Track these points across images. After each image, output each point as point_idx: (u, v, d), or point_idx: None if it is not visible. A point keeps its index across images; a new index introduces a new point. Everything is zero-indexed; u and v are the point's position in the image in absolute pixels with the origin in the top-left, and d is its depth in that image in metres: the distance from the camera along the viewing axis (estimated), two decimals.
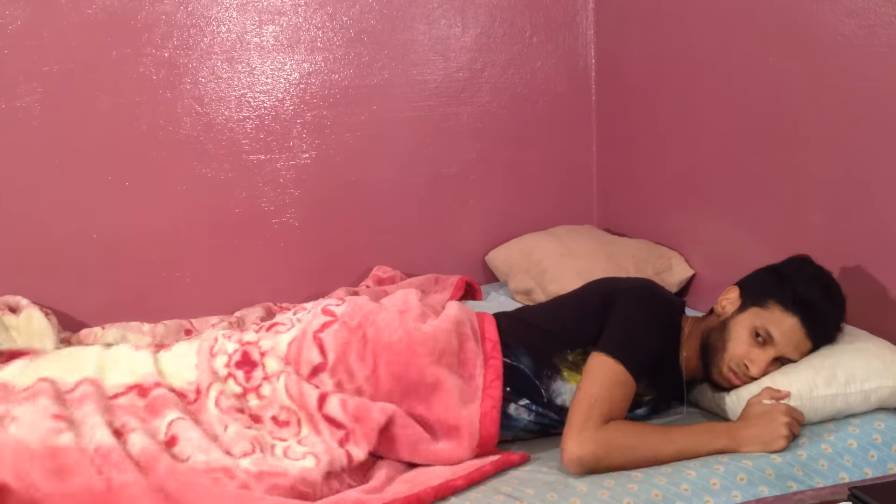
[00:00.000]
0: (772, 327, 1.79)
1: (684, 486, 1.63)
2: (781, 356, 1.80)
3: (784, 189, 2.18)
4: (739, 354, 1.81)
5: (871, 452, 1.72)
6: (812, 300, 1.79)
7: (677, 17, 2.55)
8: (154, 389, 1.84)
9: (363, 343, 1.87)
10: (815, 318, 1.79)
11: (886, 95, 1.86)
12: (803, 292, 1.79)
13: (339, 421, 1.78)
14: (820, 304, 1.80)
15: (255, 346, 1.92)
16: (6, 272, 2.53)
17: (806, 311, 1.78)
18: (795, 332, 1.79)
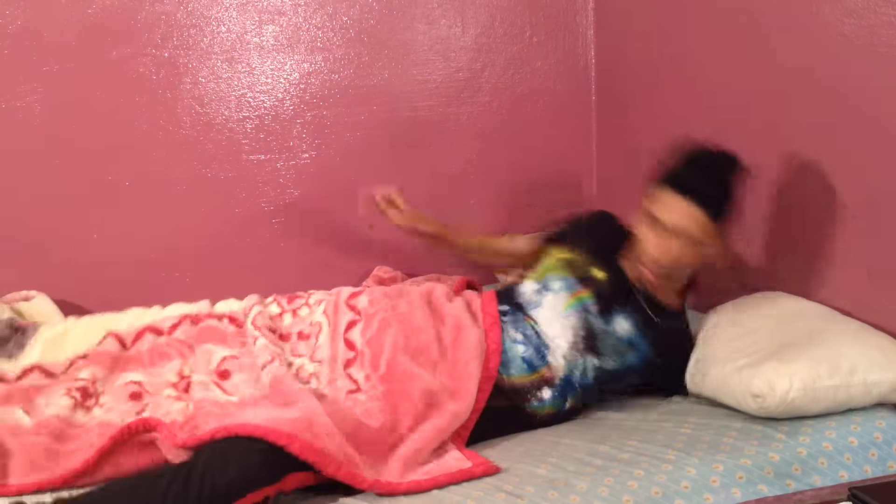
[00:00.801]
0: (654, 208, 1.89)
1: (684, 483, 1.63)
2: (678, 231, 1.88)
3: (784, 188, 2.18)
4: (642, 248, 1.93)
5: (872, 451, 1.72)
6: (676, 168, 1.89)
7: (677, 17, 2.55)
8: (206, 319, 2.11)
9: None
10: (684, 183, 1.86)
11: (886, 95, 1.86)
12: (670, 166, 1.90)
13: (354, 343, 1.99)
14: (683, 169, 1.89)
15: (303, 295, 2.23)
16: (6, 272, 2.53)
17: (673, 180, 1.88)
18: (673, 202, 1.87)
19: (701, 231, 1.88)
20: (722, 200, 1.90)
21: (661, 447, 1.74)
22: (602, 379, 2.01)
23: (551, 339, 2.00)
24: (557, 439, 1.85)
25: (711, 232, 1.90)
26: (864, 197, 1.95)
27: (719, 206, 1.89)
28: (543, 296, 2.06)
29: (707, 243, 1.91)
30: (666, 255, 1.91)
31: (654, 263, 1.93)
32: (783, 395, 1.72)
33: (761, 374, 1.76)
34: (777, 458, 1.68)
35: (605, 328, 2.01)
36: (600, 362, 2.00)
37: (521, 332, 2.01)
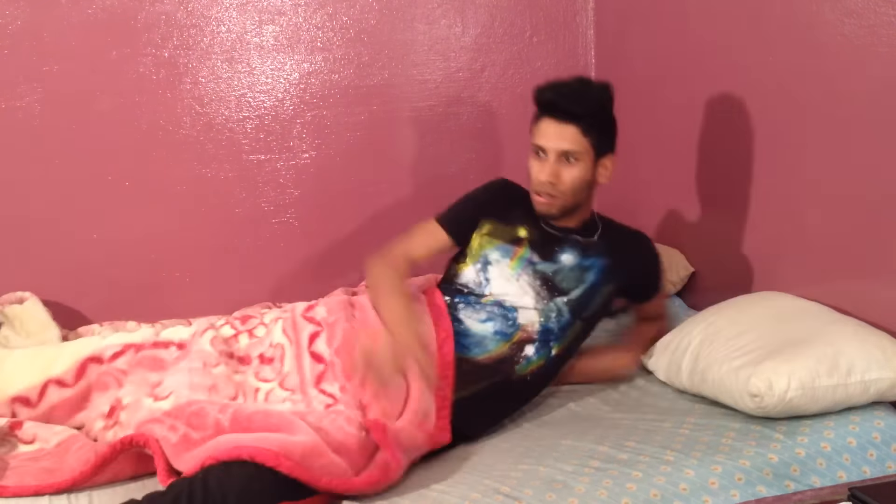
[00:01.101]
0: (534, 139, 2.08)
1: (682, 485, 1.63)
2: (552, 149, 2.04)
3: (784, 188, 2.18)
4: (532, 180, 2.09)
5: (871, 451, 1.71)
6: (537, 92, 2.08)
7: (677, 17, 2.55)
8: (150, 349, 2.05)
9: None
10: (552, 105, 2.04)
11: (886, 95, 1.86)
12: (541, 99, 2.08)
13: (321, 355, 1.95)
14: (542, 91, 2.07)
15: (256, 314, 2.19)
16: (7, 271, 2.53)
17: (544, 104, 2.06)
18: (543, 125, 2.06)
19: (574, 145, 2.04)
20: (592, 115, 2.05)
21: (659, 448, 1.74)
22: (576, 309, 2.12)
23: (514, 303, 2.09)
24: (556, 440, 1.85)
25: (585, 145, 2.05)
26: (864, 196, 1.94)
27: (588, 120, 2.04)
28: (488, 272, 2.14)
29: (583, 158, 2.06)
30: (551, 175, 2.05)
31: (541, 186, 2.07)
32: (781, 394, 1.72)
33: (759, 374, 1.76)
34: (776, 458, 1.68)
35: (555, 267, 2.13)
36: (567, 297, 2.11)
37: (482, 312, 2.09)
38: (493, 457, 1.80)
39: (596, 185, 2.15)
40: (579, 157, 2.05)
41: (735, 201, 2.37)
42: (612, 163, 2.13)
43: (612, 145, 2.13)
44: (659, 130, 2.70)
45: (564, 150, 2.04)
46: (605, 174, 2.12)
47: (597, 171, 2.11)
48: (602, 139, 2.09)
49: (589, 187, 2.13)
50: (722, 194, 2.43)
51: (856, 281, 1.98)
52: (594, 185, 2.14)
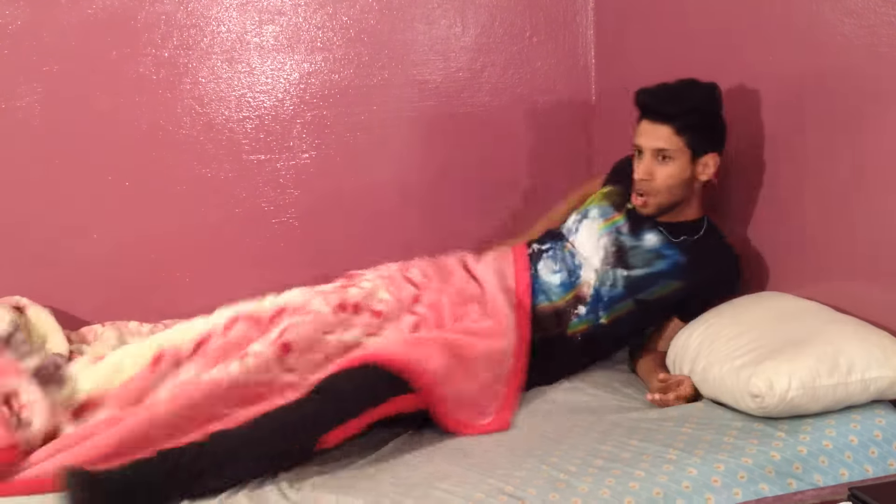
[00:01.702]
0: (635, 141, 2.18)
1: (685, 483, 1.63)
2: (647, 148, 2.15)
3: (783, 188, 2.19)
4: (634, 177, 2.20)
5: (872, 449, 1.72)
6: (635, 95, 2.18)
7: (677, 17, 2.55)
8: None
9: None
10: (648, 108, 2.15)
11: (886, 95, 1.86)
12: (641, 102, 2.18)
13: (419, 313, 2.15)
14: (639, 93, 2.17)
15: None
16: (7, 271, 2.53)
17: (640, 106, 2.17)
18: (644, 128, 2.16)
19: (667, 143, 2.12)
20: (685, 115, 2.13)
21: (662, 447, 1.74)
22: (632, 288, 2.19)
23: (584, 258, 2.24)
24: (559, 439, 1.85)
25: (679, 144, 2.13)
26: (863, 196, 1.95)
27: (683, 120, 2.12)
28: (581, 223, 2.31)
29: (678, 156, 2.14)
30: (645, 173, 2.16)
31: (637, 184, 2.18)
32: (782, 394, 1.73)
33: (760, 374, 1.76)
34: (778, 456, 1.68)
35: (635, 243, 2.23)
36: (628, 272, 2.20)
37: (558, 262, 2.26)
38: (497, 455, 1.80)
39: (699, 184, 2.20)
40: (673, 156, 2.13)
41: (735, 201, 2.37)
42: (714, 161, 2.17)
43: (713, 145, 2.17)
44: None
45: (658, 148, 2.13)
46: (706, 172, 2.17)
47: (695, 168, 2.16)
48: (699, 138, 2.14)
49: (687, 185, 2.18)
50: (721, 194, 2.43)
51: (855, 281, 1.98)
52: (695, 184, 2.20)
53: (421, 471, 1.76)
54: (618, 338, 2.25)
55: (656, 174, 2.15)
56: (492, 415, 1.98)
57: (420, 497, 1.64)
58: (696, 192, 2.22)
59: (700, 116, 2.15)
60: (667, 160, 2.13)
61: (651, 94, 2.16)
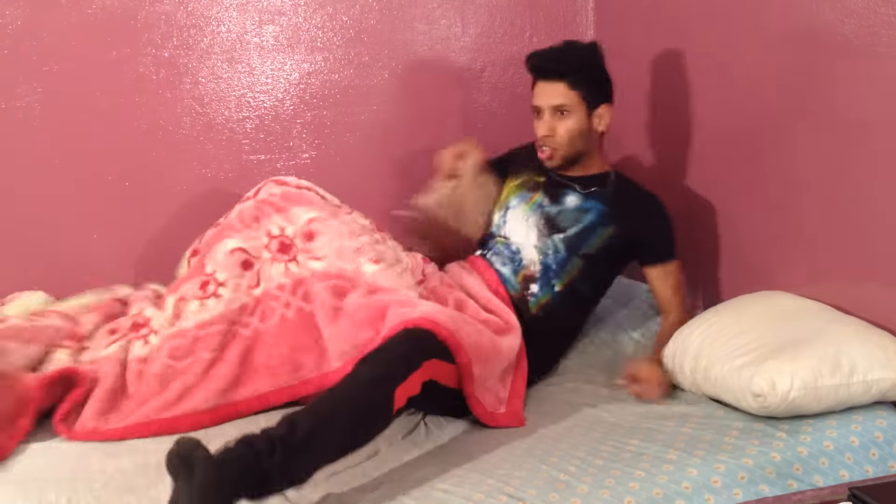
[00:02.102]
0: (532, 100, 2.33)
1: (685, 484, 1.63)
2: (545, 106, 2.28)
3: (784, 187, 2.19)
4: (536, 139, 2.34)
5: (873, 450, 1.72)
6: (527, 59, 2.33)
7: (677, 18, 2.55)
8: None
9: None
10: (540, 68, 2.30)
11: (886, 95, 1.86)
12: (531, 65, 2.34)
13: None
14: (530, 57, 2.32)
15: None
16: (6, 272, 2.53)
17: (534, 69, 2.32)
18: (537, 88, 2.31)
19: (564, 98, 2.27)
20: (576, 71, 2.28)
21: (662, 447, 1.74)
22: (571, 246, 2.31)
23: (520, 243, 2.35)
24: (559, 438, 1.85)
25: (574, 98, 2.28)
26: (864, 196, 1.95)
27: (574, 75, 2.27)
28: (506, 216, 2.41)
29: (575, 109, 2.28)
30: (547, 129, 2.30)
31: (541, 140, 2.32)
32: (784, 394, 1.73)
33: (762, 373, 1.76)
34: (778, 457, 1.68)
35: (559, 208, 2.35)
36: (563, 234, 2.31)
37: (500, 257, 2.35)
38: (497, 455, 1.80)
39: (597, 134, 2.35)
40: (571, 110, 2.28)
41: (735, 200, 2.37)
42: (607, 111, 2.34)
43: (605, 97, 2.34)
44: (658, 130, 2.70)
45: (555, 104, 2.28)
46: (602, 123, 2.34)
47: (592, 120, 2.32)
48: (592, 91, 2.30)
49: (586, 136, 2.33)
50: (722, 194, 2.43)
51: (856, 281, 1.98)
52: (594, 134, 2.35)
53: (421, 471, 1.76)
54: (579, 298, 2.33)
55: (557, 129, 2.29)
56: (504, 405, 2.04)
57: (420, 497, 1.64)
58: (596, 145, 2.39)
59: (589, 71, 2.31)
60: (565, 114, 2.28)
61: (541, 56, 2.32)
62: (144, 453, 1.88)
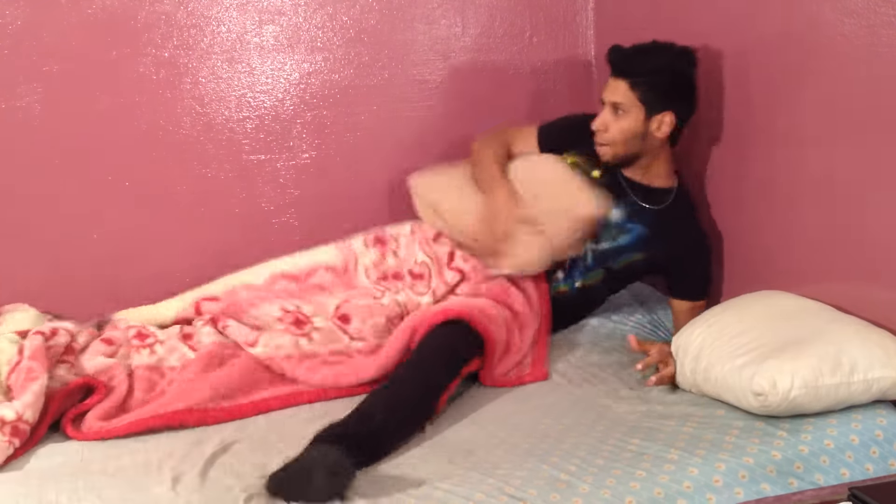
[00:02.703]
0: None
1: (686, 483, 1.63)
2: (606, 101, 2.29)
3: (784, 187, 2.19)
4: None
5: (873, 448, 1.72)
6: (608, 53, 2.32)
7: (677, 18, 2.56)
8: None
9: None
10: (611, 63, 2.30)
11: (886, 95, 1.86)
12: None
13: (461, 269, 2.35)
14: (611, 52, 2.31)
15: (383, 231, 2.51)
16: (7, 271, 2.53)
17: (609, 63, 2.31)
18: (608, 82, 2.30)
19: (622, 98, 2.26)
20: (643, 73, 2.26)
21: (663, 446, 1.75)
22: (600, 259, 2.37)
23: None
24: (560, 437, 1.85)
25: (632, 99, 2.25)
26: (864, 196, 1.95)
27: (640, 76, 2.25)
28: None
29: (631, 111, 2.26)
30: (600, 124, 2.31)
31: (596, 135, 2.32)
32: (785, 393, 1.73)
33: (763, 372, 1.76)
34: (779, 456, 1.69)
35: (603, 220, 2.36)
36: (596, 246, 2.36)
37: None
38: (498, 455, 1.80)
39: (658, 142, 2.31)
40: (626, 110, 2.26)
41: (734, 200, 2.38)
42: (670, 119, 2.27)
43: (670, 103, 2.27)
44: None
45: (614, 101, 2.27)
46: (661, 130, 2.28)
47: (650, 125, 2.28)
48: (654, 95, 2.25)
49: (642, 140, 2.30)
50: (722, 193, 2.44)
51: (856, 280, 1.98)
52: (651, 139, 2.30)
53: (422, 470, 1.76)
54: (592, 301, 2.47)
55: (610, 126, 2.29)
56: (528, 367, 2.21)
57: (421, 497, 1.64)
58: (660, 153, 2.35)
59: (659, 75, 2.26)
60: (621, 114, 2.27)
61: (617, 51, 2.31)
62: (145, 452, 1.89)
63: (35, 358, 2.04)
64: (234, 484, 1.73)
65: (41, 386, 1.97)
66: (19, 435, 1.88)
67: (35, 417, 1.93)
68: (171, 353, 2.24)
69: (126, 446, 1.93)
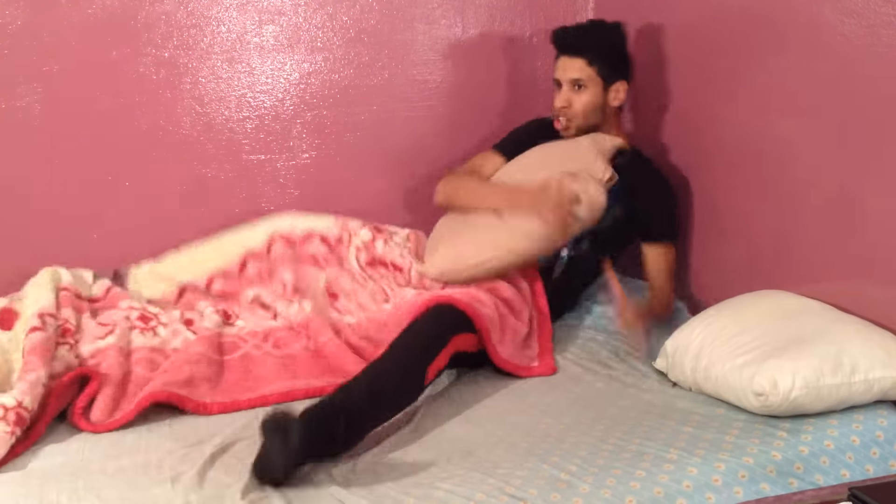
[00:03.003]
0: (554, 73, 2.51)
1: (686, 483, 1.63)
2: (564, 80, 2.46)
3: (784, 186, 2.19)
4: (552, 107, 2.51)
5: (874, 449, 1.72)
6: (552, 35, 2.50)
7: (676, 18, 2.56)
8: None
9: None
10: (562, 44, 2.47)
11: (886, 95, 1.86)
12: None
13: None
14: (554, 33, 2.49)
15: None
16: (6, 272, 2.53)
17: (557, 45, 2.49)
18: (558, 62, 2.48)
19: (581, 73, 2.44)
20: (595, 48, 2.45)
21: (663, 445, 1.74)
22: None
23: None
24: (560, 437, 1.85)
25: (591, 73, 2.44)
26: (864, 195, 1.95)
27: (592, 52, 2.44)
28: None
29: (591, 84, 2.45)
30: (564, 101, 2.46)
31: (557, 111, 2.48)
32: (786, 393, 1.73)
33: (764, 372, 1.76)
34: (779, 456, 1.69)
35: None
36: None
37: None
38: (498, 455, 1.80)
39: (612, 109, 2.50)
40: (587, 84, 2.45)
41: (733, 200, 2.38)
42: (623, 88, 2.48)
43: (622, 74, 2.48)
44: (657, 130, 2.70)
45: (573, 78, 2.45)
46: (617, 98, 2.48)
47: (608, 95, 2.47)
48: (609, 68, 2.45)
49: (601, 110, 2.49)
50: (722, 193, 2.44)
51: (857, 280, 1.98)
52: (609, 109, 2.50)
53: (422, 470, 1.76)
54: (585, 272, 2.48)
55: (573, 101, 2.46)
56: (536, 359, 2.25)
57: (421, 497, 1.64)
58: (612, 119, 2.53)
59: (608, 49, 2.47)
60: (582, 88, 2.45)
61: (564, 32, 2.50)
62: (145, 452, 1.89)
63: (33, 353, 2.07)
64: (233, 483, 1.72)
65: (37, 377, 2.00)
66: (20, 423, 1.89)
67: (34, 405, 1.94)
68: (175, 336, 2.29)
69: (126, 446, 1.93)
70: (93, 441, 1.96)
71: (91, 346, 2.21)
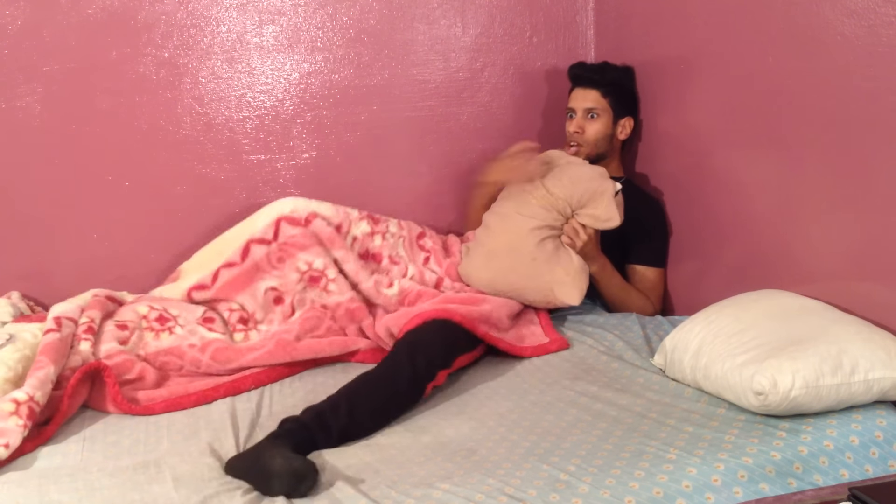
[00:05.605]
0: (567, 104, 2.74)
1: (686, 483, 1.63)
2: (579, 108, 2.68)
3: (784, 186, 2.19)
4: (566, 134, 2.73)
5: (873, 449, 1.72)
6: (569, 69, 2.75)
7: (677, 18, 2.56)
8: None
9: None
10: (579, 77, 2.71)
11: (886, 95, 1.86)
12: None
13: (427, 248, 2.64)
14: (572, 67, 2.74)
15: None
16: (6, 272, 2.53)
17: (573, 78, 2.74)
18: (573, 93, 2.72)
19: (595, 103, 2.67)
20: (609, 83, 2.68)
21: (662, 445, 1.74)
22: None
23: None
24: (559, 437, 1.84)
25: (604, 104, 2.67)
26: (864, 195, 1.95)
27: (607, 87, 2.67)
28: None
29: (603, 115, 2.67)
30: (578, 127, 2.66)
31: (571, 137, 2.68)
32: (786, 392, 1.73)
33: (764, 372, 1.76)
34: (778, 456, 1.68)
35: None
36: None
37: None
38: (497, 454, 1.80)
39: (618, 142, 2.72)
40: (600, 114, 2.67)
41: (733, 201, 2.38)
42: (629, 124, 2.71)
43: (630, 111, 2.71)
44: (657, 130, 2.71)
45: (588, 107, 2.67)
46: (624, 132, 2.71)
47: (616, 128, 2.70)
48: (619, 103, 2.68)
49: (610, 141, 2.70)
50: (722, 193, 2.43)
51: (857, 280, 1.98)
52: (615, 141, 2.71)
53: (422, 470, 1.76)
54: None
55: (586, 128, 2.66)
56: (544, 336, 2.38)
57: (421, 497, 1.64)
58: (616, 151, 2.74)
59: (619, 87, 2.69)
60: (594, 118, 2.66)
61: (582, 67, 2.74)
62: (145, 453, 1.89)
63: (44, 352, 2.11)
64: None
65: (46, 373, 2.03)
66: (32, 416, 1.92)
67: (44, 400, 1.98)
68: (192, 335, 2.35)
69: (126, 446, 1.93)
70: (93, 441, 1.96)
71: (108, 346, 2.25)
